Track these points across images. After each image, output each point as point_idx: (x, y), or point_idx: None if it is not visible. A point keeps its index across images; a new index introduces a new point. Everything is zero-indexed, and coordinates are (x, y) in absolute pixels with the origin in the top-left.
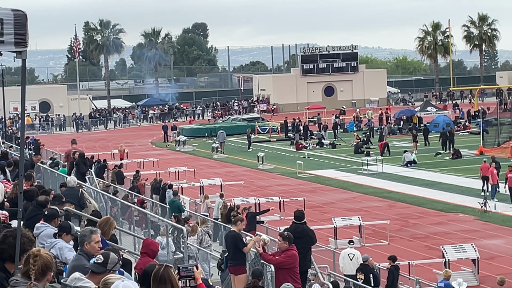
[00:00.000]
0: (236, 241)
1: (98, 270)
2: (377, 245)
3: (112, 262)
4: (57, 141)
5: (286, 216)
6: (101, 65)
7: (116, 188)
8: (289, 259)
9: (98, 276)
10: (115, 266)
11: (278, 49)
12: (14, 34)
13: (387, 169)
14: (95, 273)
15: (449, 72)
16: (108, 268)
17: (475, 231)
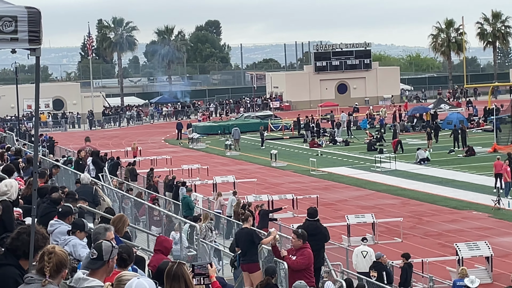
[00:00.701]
0: (252, 237)
1: (95, 265)
2: (390, 243)
3: (106, 252)
4: (70, 138)
5: (299, 214)
6: (114, 63)
7: (130, 186)
8: (306, 261)
9: (99, 271)
10: (111, 254)
11: (291, 47)
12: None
13: (400, 167)
14: (95, 269)
15: (462, 70)
16: (105, 259)
17: (489, 229)
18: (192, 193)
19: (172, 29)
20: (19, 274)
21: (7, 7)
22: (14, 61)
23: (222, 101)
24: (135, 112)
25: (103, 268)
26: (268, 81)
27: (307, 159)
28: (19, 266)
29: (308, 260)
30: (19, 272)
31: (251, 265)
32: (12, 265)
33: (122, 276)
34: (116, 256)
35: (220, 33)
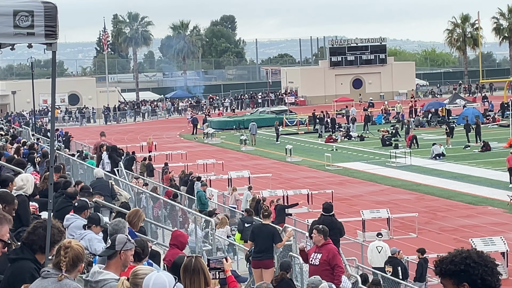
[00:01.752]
0: (273, 236)
1: (107, 253)
2: (405, 238)
3: (120, 242)
4: (86, 133)
5: (314, 209)
6: (130, 58)
7: (146, 181)
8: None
9: (112, 261)
10: (124, 246)
11: (306, 42)
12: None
13: (415, 162)
14: (108, 258)
15: (478, 65)
16: (117, 249)
17: (504, 224)
18: (207, 188)
19: (187, 24)
20: (35, 268)
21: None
22: (30, 56)
23: (237, 96)
24: (150, 107)
25: (116, 260)
26: (283, 76)
27: (322, 154)
28: (35, 260)
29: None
30: (35, 266)
31: (268, 261)
32: (28, 259)
33: (138, 270)
34: (130, 251)
35: (235, 28)
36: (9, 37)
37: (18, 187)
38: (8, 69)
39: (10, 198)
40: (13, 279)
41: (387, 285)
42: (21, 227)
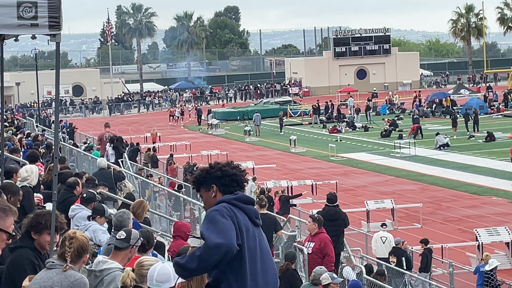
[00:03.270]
0: (275, 225)
1: (121, 245)
2: (410, 228)
3: (134, 237)
4: (90, 124)
5: (319, 199)
6: (134, 49)
7: (150, 172)
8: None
9: (121, 253)
10: (137, 242)
11: (310, 32)
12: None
13: (420, 152)
14: (118, 249)
15: (482, 55)
16: (131, 243)
17: (509, 214)
18: None
19: (191, 15)
20: (35, 255)
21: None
22: (34, 47)
23: (241, 87)
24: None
25: (126, 252)
26: (287, 66)
27: (326, 144)
28: (34, 249)
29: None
30: (35, 254)
31: (271, 251)
32: (27, 247)
33: (143, 261)
34: (136, 247)
35: (239, 19)
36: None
37: (22, 178)
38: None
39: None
40: (12, 267)
41: (391, 275)
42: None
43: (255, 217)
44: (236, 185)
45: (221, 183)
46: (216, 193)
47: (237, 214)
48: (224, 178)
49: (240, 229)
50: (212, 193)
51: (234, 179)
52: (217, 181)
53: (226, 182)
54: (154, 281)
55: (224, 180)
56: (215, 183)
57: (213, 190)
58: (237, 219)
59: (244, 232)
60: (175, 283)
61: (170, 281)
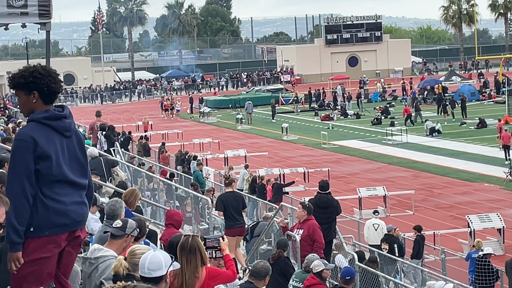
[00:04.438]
0: (243, 201)
1: (117, 233)
2: (402, 215)
3: (130, 226)
4: (81, 113)
5: (311, 187)
6: (125, 37)
7: (142, 160)
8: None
9: (116, 241)
10: (133, 231)
11: (302, 20)
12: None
13: (411, 139)
14: (114, 237)
15: (474, 41)
16: (127, 232)
17: (501, 201)
18: (203, 167)
19: (182, 3)
20: None
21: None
22: (25, 36)
23: (233, 75)
24: (145, 87)
25: (121, 241)
26: (278, 54)
27: (318, 132)
28: None
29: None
30: None
31: (243, 228)
32: None
33: (135, 250)
34: (132, 238)
35: (230, 7)
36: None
37: None
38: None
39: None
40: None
41: (383, 262)
42: None
43: (65, 130)
44: (54, 97)
45: (44, 93)
46: (37, 100)
47: (45, 135)
48: (47, 88)
49: (46, 153)
50: (33, 99)
51: (54, 91)
52: (40, 90)
53: (48, 93)
54: (145, 269)
55: (47, 91)
56: (37, 90)
57: (35, 96)
58: (41, 144)
59: (52, 153)
60: (166, 271)
61: (162, 269)
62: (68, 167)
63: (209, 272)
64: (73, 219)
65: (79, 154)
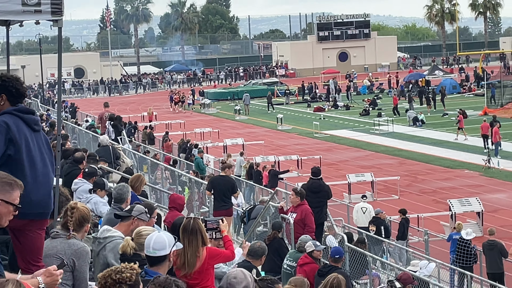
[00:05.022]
0: (234, 186)
1: (124, 214)
2: (388, 200)
3: (137, 210)
4: (91, 104)
5: (304, 173)
6: (131, 34)
7: (147, 148)
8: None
9: (124, 223)
10: (140, 214)
11: (296, 18)
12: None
13: (397, 129)
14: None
15: (455, 38)
16: (133, 214)
17: (480, 186)
18: (203, 155)
19: (185, 2)
20: None
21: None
22: (38, 32)
23: (231, 69)
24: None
25: (128, 223)
26: (274, 50)
27: (311, 122)
28: None
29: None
30: None
31: (229, 210)
32: None
33: (141, 231)
34: (143, 222)
35: (229, 6)
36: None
37: None
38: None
39: None
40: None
41: (371, 243)
42: None
43: (34, 124)
44: (21, 99)
45: (11, 95)
46: (5, 102)
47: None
48: (15, 90)
49: (16, 139)
50: (1, 101)
51: (21, 93)
52: (8, 92)
53: (16, 94)
54: (150, 248)
55: (15, 92)
56: (5, 93)
57: (3, 99)
58: (13, 130)
59: (23, 140)
60: (170, 251)
61: (166, 249)
62: (39, 157)
63: (209, 252)
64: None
65: (46, 150)
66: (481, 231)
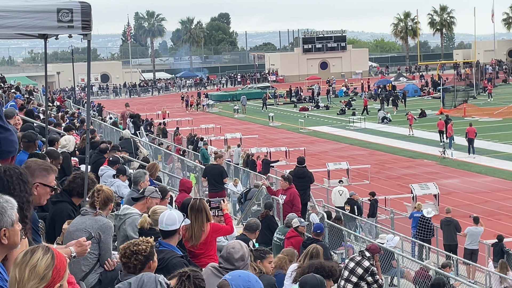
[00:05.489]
0: (222, 173)
1: (138, 196)
2: (360, 184)
3: (149, 190)
4: (114, 104)
5: (291, 162)
6: (148, 46)
7: (161, 141)
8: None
9: (139, 203)
10: (152, 194)
11: (285, 33)
12: (81, 20)
13: (368, 126)
14: (136, 200)
15: (417, 51)
16: (146, 194)
17: (436, 173)
18: (208, 146)
19: (192, 20)
20: (72, 209)
21: (65, 1)
22: (71, 44)
23: (231, 76)
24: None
25: (143, 202)
26: (266, 60)
27: (297, 120)
28: (71, 202)
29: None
30: (72, 207)
31: (221, 193)
32: (66, 202)
33: (156, 209)
34: (156, 199)
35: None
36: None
37: (62, 145)
38: (53, 55)
39: (56, 154)
40: (55, 217)
41: (346, 220)
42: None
43: None
44: None
45: None
46: None
47: None
48: None
49: None
50: None
51: None
52: None
53: None
54: (163, 224)
55: None
56: None
57: None
58: None
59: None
60: (180, 226)
61: (176, 224)
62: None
63: (212, 227)
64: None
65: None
66: (438, 210)
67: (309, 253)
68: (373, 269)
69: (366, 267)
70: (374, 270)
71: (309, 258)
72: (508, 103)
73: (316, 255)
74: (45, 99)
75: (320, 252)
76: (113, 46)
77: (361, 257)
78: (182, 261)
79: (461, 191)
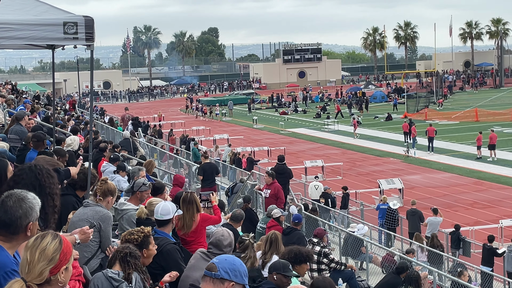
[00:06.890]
0: (216, 169)
1: (129, 191)
2: (334, 179)
3: (137, 185)
4: (115, 108)
5: (272, 160)
6: (145, 56)
7: (156, 141)
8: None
9: (132, 197)
10: (141, 188)
11: (267, 46)
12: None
13: (341, 128)
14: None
15: (384, 61)
16: (135, 189)
17: (401, 170)
18: (198, 146)
19: (185, 33)
20: (76, 201)
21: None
22: (76, 54)
23: (219, 83)
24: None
25: (135, 196)
26: (251, 69)
27: (278, 122)
28: (75, 195)
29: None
30: (76, 200)
31: (214, 187)
32: (71, 194)
33: (152, 201)
34: (146, 192)
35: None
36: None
37: (67, 145)
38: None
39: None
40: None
41: (321, 211)
42: None
43: None
44: None
45: None
46: None
47: None
48: None
49: None
50: None
51: None
52: None
53: None
54: (158, 214)
55: None
56: None
57: None
58: None
59: None
60: (173, 216)
61: (170, 214)
62: None
63: (202, 217)
64: None
65: None
66: (402, 203)
67: (269, 239)
68: (324, 251)
69: (318, 251)
70: (326, 251)
71: (269, 243)
72: (465, 108)
73: (275, 240)
74: (53, 104)
75: (278, 237)
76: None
77: (311, 245)
78: (175, 247)
79: (422, 185)
